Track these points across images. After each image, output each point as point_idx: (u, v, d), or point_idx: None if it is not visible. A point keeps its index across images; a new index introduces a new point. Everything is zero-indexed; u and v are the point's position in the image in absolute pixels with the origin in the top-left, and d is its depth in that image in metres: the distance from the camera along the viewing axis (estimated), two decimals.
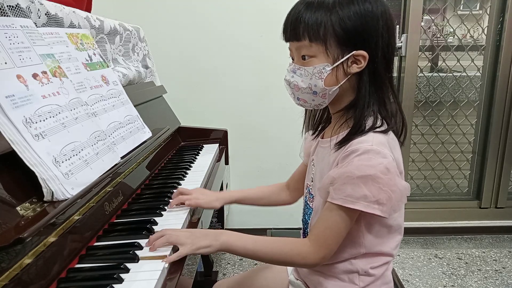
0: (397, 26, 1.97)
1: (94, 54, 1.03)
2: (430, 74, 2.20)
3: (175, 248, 0.71)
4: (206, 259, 1.77)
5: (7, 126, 0.63)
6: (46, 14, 0.88)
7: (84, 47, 0.99)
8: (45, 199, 0.66)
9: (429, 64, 2.19)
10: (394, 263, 1.93)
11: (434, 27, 2.19)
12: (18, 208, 0.61)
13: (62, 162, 0.69)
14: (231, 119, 1.98)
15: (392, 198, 0.68)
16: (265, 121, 2.04)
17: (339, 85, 0.73)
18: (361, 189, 0.67)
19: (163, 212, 0.89)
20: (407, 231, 0.85)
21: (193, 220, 0.90)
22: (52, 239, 0.62)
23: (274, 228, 1.38)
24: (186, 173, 1.18)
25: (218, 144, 1.54)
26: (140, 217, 0.86)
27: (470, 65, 2.14)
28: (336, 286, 0.80)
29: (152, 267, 0.66)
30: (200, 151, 1.43)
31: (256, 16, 1.90)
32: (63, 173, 0.68)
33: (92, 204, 0.76)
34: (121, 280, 0.62)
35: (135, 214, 0.88)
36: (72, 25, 0.99)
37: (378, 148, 0.69)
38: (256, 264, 1.91)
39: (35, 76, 0.72)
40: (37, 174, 0.64)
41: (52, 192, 0.66)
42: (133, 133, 1.05)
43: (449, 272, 1.89)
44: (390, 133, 0.74)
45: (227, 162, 1.57)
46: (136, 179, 1.01)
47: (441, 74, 2.19)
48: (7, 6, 0.75)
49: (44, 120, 0.69)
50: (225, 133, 1.58)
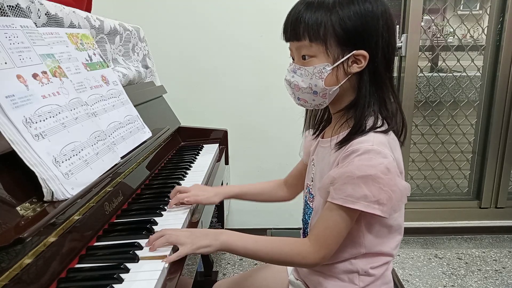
0: (397, 26, 1.97)
1: (94, 54, 1.03)
2: (430, 74, 2.20)
3: (175, 248, 0.71)
4: (206, 259, 1.77)
5: (7, 126, 0.63)
6: (46, 14, 0.88)
7: (84, 47, 0.99)
8: (45, 199, 0.66)
9: (429, 64, 2.19)
10: (394, 263, 1.93)
11: (434, 27, 2.19)
12: (18, 208, 0.61)
13: (62, 162, 0.69)
14: (231, 119, 1.98)
15: (393, 198, 0.68)
16: (265, 121, 2.04)
17: (340, 85, 0.73)
18: (361, 189, 0.67)
19: (163, 212, 0.89)
20: (407, 231, 0.85)
21: (193, 220, 0.90)
22: (52, 239, 0.62)
23: (274, 228, 1.38)
24: (186, 173, 1.18)
25: (218, 144, 1.54)
26: (140, 217, 0.86)
27: (470, 65, 2.14)
28: (336, 286, 0.80)
29: (152, 267, 0.66)
30: (200, 151, 1.43)
31: (256, 16, 1.90)
32: (63, 173, 0.68)
33: (92, 204, 0.76)
34: (121, 280, 0.62)
35: (135, 214, 0.88)
36: (72, 25, 0.99)
37: (378, 148, 0.69)
38: (256, 264, 1.91)
39: (35, 76, 0.72)
40: (37, 174, 0.64)
41: (52, 192, 0.66)
42: (133, 133, 1.05)
43: (449, 272, 1.89)
44: (391, 133, 0.74)
45: (227, 162, 1.57)
46: (136, 179, 1.01)
47: (441, 74, 2.19)
48: (7, 6, 0.75)
49: (44, 120, 0.69)
50: (225, 133, 1.58)
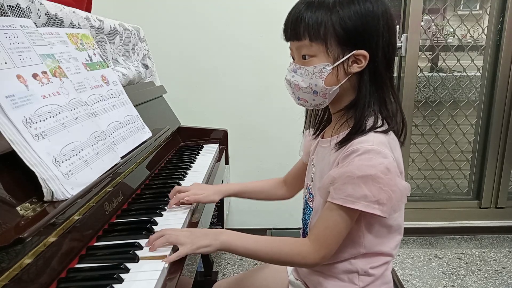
0: (397, 26, 1.97)
1: (94, 54, 1.03)
2: (430, 74, 2.20)
3: (175, 248, 0.71)
4: (206, 259, 1.77)
5: (7, 126, 0.62)
6: (46, 14, 0.88)
7: (84, 47, 0.99)
8: (45, 199, 0.66)
9: (429, 64, 2.19)
10: (394, 263, 1.93)
11: (434, 27, 2.19)
12: (18, 208, 0.61)
13: (62, 162, 0.69)
14: (231, 119, 1.98)
15: (393, 198, 0.68)
16: (265, 121, 2.04)
17: (340, 84, 0.73)
18: (361, 189, 0.67)
19: (163, 212, 0.89)
20: (407, 231, 0.85)
21: (193, 220, 0.90)
22: (52, 239, 0.62)
23: (274, 228, 1.38)
24: (186, 173, 1.18)
25: (218, 144, 1.54)
26: (140, 217, 0.86)
27: (470, 65, 2.14)
28: (336, 286, 0.80)
29: (152, 267, 0.66)
30: (200, 151, 1.43)
31: (256, 16, 1.90)
32: (63, 173, 0.68)
33: (92, 204, 0.76)
34: (121, 280, 0.62)
35: (135, 214, 0.88)
36: (72, 25, 0.99)
37: (378, 148, 0.69)
38: (256, 264, 1.91)
39: (35, 76, 0.72)
40: (37, 174, 0.64)
41: (52, 192, 0.66)
42: (133, 133, 1.05)
43: (449, 272, 1.89)
44: (391, 133, 0.74)
45: (227, 162, 1.57)
46: (136, 179, 1.01)
47: (441, 74, 2.19)
48: (7, 6, 0.75)
49: (44, 120, 0.69)
50: (225, 133, 1.58)
